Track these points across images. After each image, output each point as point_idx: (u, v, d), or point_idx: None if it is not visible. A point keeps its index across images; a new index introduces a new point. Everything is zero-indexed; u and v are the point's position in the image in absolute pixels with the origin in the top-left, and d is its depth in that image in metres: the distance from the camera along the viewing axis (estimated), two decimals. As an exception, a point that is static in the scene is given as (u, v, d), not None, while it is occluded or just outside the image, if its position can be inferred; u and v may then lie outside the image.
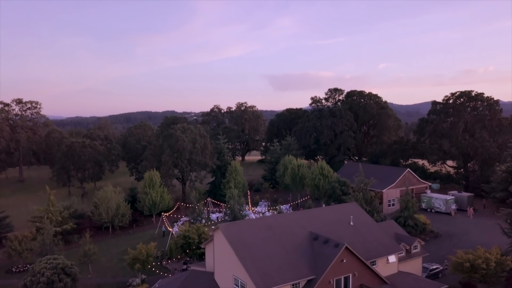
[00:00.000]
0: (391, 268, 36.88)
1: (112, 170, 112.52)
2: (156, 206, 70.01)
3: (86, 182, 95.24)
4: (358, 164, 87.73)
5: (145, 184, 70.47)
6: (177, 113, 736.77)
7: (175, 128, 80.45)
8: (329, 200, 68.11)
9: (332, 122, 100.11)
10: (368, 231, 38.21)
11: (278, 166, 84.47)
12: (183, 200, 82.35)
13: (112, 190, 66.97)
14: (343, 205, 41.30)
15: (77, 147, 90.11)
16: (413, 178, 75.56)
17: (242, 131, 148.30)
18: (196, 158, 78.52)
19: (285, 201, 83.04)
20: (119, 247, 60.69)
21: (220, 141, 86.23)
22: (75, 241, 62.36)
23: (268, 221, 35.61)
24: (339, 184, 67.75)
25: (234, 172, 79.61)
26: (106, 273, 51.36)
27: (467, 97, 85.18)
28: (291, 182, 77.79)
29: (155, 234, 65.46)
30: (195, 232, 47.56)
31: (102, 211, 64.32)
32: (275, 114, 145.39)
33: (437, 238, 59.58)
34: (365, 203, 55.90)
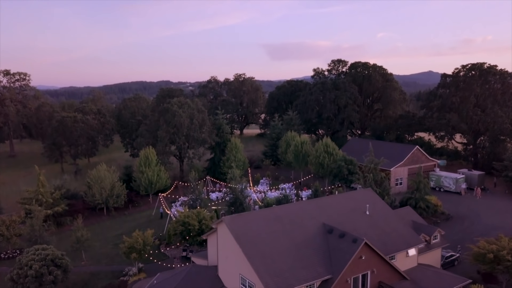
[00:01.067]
0: (411, 261, 33.85)
1: (107, 145, 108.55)
2: (153, 185, 66.56)
3: (79, 158, 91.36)
4: (363, 140, 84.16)
5: (141, 162, 66.73)
6: (173, 83, 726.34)
7: (172, 102, 76.01)
8: (334, 180, 64.83)
9: (335, 96, 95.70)
10: (385, 221, 34.93)
11: (280, 142, 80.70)
12: (181, 179, 78.94)
13: (105, 169, 63.25)
14: (357, 192, 37.87)
15: (69, 122, 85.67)
16: (422, 155, 72.19)
17: (241, 104, 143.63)
18: (194, 135, 74.54)
19: (287, 179, 79.89)
20: (115, 230, 57.61)
21: (219, 116, 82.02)
22: (68, 223, 59.16)
23: (276, 212, 32.14)
24: (345, 162, 64.29)
25: (234, 149, 75.89)
26: (100, 260, 48.37)
27: (479, 70, 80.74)
28: (294, 159, 74.29)
29: (152, 215, 62.33)
30: (195, 218, 44.26)
31: (95, 192, 60.81)
32: (272, 84, 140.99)
33: (449, 221, 56.76)
34: (375, 185, 52.59)
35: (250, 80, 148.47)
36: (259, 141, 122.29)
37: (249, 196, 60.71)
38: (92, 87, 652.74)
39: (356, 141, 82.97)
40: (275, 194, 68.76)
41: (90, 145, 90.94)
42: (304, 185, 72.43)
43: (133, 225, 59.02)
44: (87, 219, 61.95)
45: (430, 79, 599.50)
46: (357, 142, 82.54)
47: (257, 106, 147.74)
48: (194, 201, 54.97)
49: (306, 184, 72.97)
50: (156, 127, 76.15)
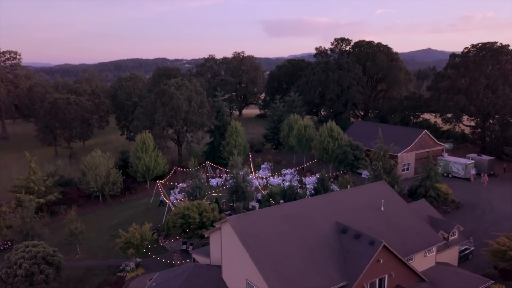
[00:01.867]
0: (429, 261, 31.52)
1: (102, 126, 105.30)
2: (150, 172, 63.80)
3: (73, 141, 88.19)
4: (368, 123, 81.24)
5: (137, 147, 63.73)
6: (169, 60, 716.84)
7: (169, 84, 72.45)
8: (339, 166, 62.22)
9: (339, 76, 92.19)
10: (401, 218, 32.42)
11: (282, 126, 77.67)
12: (179, 163, 76.16)
13: (100, 155, 60.29)
14: (370, 186, 35.22)
15: (61, 104, 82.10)
16: (430, 140, 69.49)
17: (240, 83, 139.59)
18: (192, 118, 71.33)
19: (289, 164, 77.20)
20: (111, 219, 55.13)
21: (219, 98, 78.63)
22: (62, 212, 56.62)
23: (285, 210, 29.46)
24: (351, 148, 61.56)
25: (234, 133, 72.87)
26: (96, 253, 45.99)
27: (490, 50, 77.25)
28: (297, 144, 71.45)
29: (150, 203, 59.75)
30: (195, 210, 41.66)
31: (90, 179, 58.02)
32: (269, 61, 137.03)
33: (459, 209, 54.56)
34: (384, 173, 50.02)
35: (250, 59, 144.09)
36: (259, 123, 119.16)
37: (251, 183, 58.14)
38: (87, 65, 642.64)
39: (361, 124, 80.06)
40: (278, 180, 66.27)
41: (84, 128, 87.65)
42: (307, 171, 69.90)
43: (130, 213, 56.58)
44: (82, 207, 59.50)
45: (429, 56, 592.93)
46: (362, 125, 79.61)
47: (257, 85, 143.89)
48: (194, 189, 52.32)
49: (310, 170, 70.42)
50: (153, 109, 72.81)
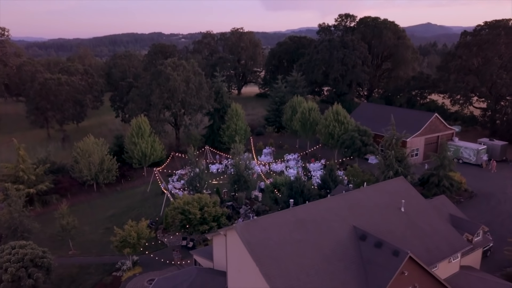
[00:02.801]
0: (453, 267, 28.84)
1: (97, 107, 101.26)
2: (147, 158, 60.56)
3: (66, 123, 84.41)
4: (375, 106, 77.81)
5: (132, 132, 60.25)
6: (165, 35, 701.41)
7: (165, 64, 68.30)
8: (346, 152, 59.12)
9: (343, 55, 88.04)
10: (423, 219, 29.50)
11: (285, 108, 74.08)
12: (177, 148, 72.88)
13: (94, 141, 56.82)
14: (389, 183, 32.16)
15: (52, 85, 77.91)
16: (440, 124, 66.28)
17: (238, 61, 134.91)
18: (190, 100, 67.59)
19: (291, 148, 74.05)
20: (106, 210, 52.20)
21: (218, 79, 74.63)
22: (54, 202, 53.58)
23: (298, 214, 26.42)
24: (359, 133, 58.33)
25: (235, 116, 69.33)
26: (90, 248, 43.18)
27: (504, 28, 73.14)
28: (300, 128, 68.10)
29: (147, 192, 56.78)
30: (196, 205, 38.66)
31: (83, 167, 54.74)
32: (267, 36, 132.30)
33: (472, 199, 51.97)
34: (395, 162, 46.97)
35: (249, 35, 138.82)
36: (259, 103, 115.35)
37: (252, 169, 54.90)
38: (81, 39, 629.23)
39: (368, 107, 76.53)
40: (281, 166, 63.33)
41: (77, 110, 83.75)
42: (312, 157, 66.86)
43: (127, 203, 53.67)
44: (75, 196, 56.52)
45: (428, 31, 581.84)
46: (368, 107, 76.10)
47: (256, 63, 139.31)
48: (193, 179, 49.24)
49: (314, 155, 67.36)
50: (148, 91, 68.93)
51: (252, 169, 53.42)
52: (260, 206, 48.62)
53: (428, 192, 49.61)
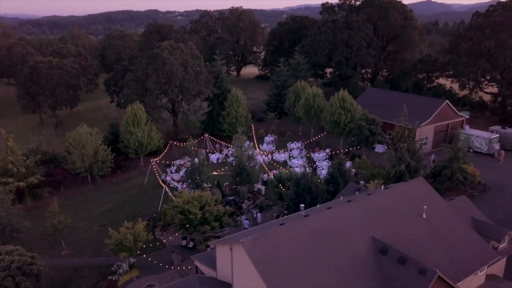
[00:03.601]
0: (478, 279, 26.46)
1: (91, 90, 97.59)
2: (143, 148, 57.66)
3: (59, 109, 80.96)
4: (381, 91, 74.57)
5: (128, 121, 57.14)
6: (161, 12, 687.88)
7: (162, 47, 64.52)
8: (353, 142, 56.29)
9: (348, 36, 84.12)
10: (447, 227, 26.94)
11: (288, 94, 70.74)
12: (175, 135, 69.87)
13: (87, 131, 53.69)
14: (407, 185, 29.42)
15: (43, 69, 74.13)
16: (450, 111, 63.29)
17: (237, 41, 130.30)
18: (188, 86, 64.19)
19: (294, 135, 71.16)
20: (101, 204, 49.60)
21: (217, 63, 71.00)
22: (46, 195, 50.91)
23: (312, 225, 23.74)
24: (366, 122, 55.35)
25: (235, 102, 66.07)
26: (84, 248, 40.71)
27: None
28: (304, 115, 65.00)
29: (144, 184, 54.10)
30: (196, 204, 35.98)
31: (76, 159, 51.81)
32: (265, 14, 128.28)
33: (486, 192, 49.55)
34: (408, 156, 44.25)
35: (248, 14, 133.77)
36: (259, 85, 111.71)
37: (255, 161, 52.10)
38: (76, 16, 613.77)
39: (374, 92, 73.27)
40: (284, 156, 60.58)
41: (70, 94, 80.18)
42: (316, 145, 64.05)
43: (123, 197, 51.04)
44: (69, 188, 53.82)
45: (429, 9, 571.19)
46: (375, 93, 72.85)
47: (256, 43, 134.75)
48: (193, 172, 46.45)
49: (318, 144, 64.53)
50: (144, 76, 65.43)
51: (254, 160, 50.66)
52: (264, 201, 46.09)
53: (440, 186, 47.13)
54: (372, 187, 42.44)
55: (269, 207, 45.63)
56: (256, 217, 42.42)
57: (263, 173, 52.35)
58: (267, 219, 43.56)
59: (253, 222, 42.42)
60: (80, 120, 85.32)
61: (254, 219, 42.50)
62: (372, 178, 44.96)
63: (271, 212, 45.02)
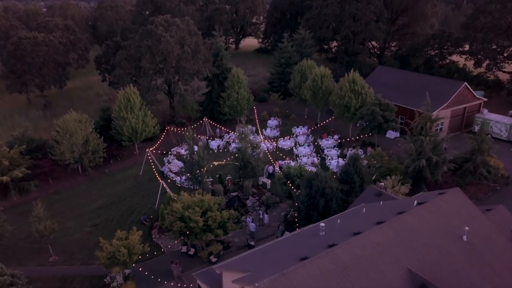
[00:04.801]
0: (526, 310, 22.93)
1: (82, 65, 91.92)
2: (138, 135, 53.27)
3: (47, 88, 75.67)
4: (393, 70, 69.71)
5: (120, 106, 52.40)
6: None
7: (156, 23, 58.86)
8: (365, 129, 52.07)
9: (356, 9, 78.27)
10: (490, 249, 23.25)
11: (293, 73, 65.74)
12: (171, 118, 65.36)
13: (76, 118, 48.99)
14: (443, 198, 25.43)
15: (28, 46, 68.36)
16: (468, 93, 58.90)
17: (236, 12, 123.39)
18: (186, 65, 59.07)
19: (299, 117, 66.77)
20: (93, 199, 45.60)
21: (217, 39, 65.49)
22: (33, 190, 46.87)
23: (339, 258, 19.89)
24: (380, 107, 50.96)
25: (236, 83, 61.17)
26: (74, 253, 36.98)
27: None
28: (311, 97, 60.41)
29: (139, 175, 50.08)
30: (198, 210, 32.04)
31: (64, 150, 47.43)
32: None
33: (509, 186, 46.05)
34: (429, 151, 40.19)
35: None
36: (259, 60, 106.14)
37: (259, 149, 47.48)
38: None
39: (385, 71, 68.36)
40: (289, 143, 56.48)
41: (59, 72, 74.73)
42: (324, 131, 59.83)
43: (117, 191, 47.06)
44: (58, 181, 49.67)
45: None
46: (385, 72, 67.97)
47: (256, 14, 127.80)
48: (192, 166, 42.37)
49: (326, 129, 60.29)
50: (138, 54, 60.14)
51: (258, 147, 45.97)
52: (270, 198, 42.33)
53: (461, 181, 43.50)
54: (389, 184, 38.75)
55: (276, 204, 41.96)
56: (262, 217, 38.77)
57: (268, 165, 48.37)
58: (275, 218, 40.02)
59: (260, 223, 38.85)
60: (70, 100, 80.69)
61: (261, 220, 38.88)
62: (388, 173, 41.04)
63: (278, 210, 41.38)
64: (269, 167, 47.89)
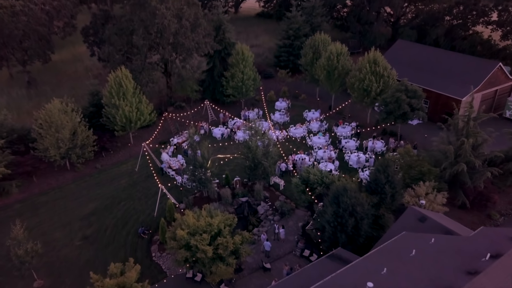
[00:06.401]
0: None
1: (69, 33, 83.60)
2: (132, 124, 47.33)
3: (30, 63, 68.28)
4: (416, 46, 62.75)
5: (112, 91, 46.01)
6: None
7: (149, -8, 51.17)
8: (388, 118, 46.18)
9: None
10: None
11: (304, 48, 58.74)
12: (169, 100, 59.08)
13: (60, 108, 42.69)
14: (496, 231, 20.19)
15: (4, 17, 60.43)
16: (502, 75, 52.71)
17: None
18: (184, 42, 52.07)
19: (310, 98, 60.58)
20: (83, 201, 40.31)
21: (218, 10, 57.92)
22: (15, 191, 41.46)
23: None
24: (406, 93, 44.89)
25: (241, 61, 54.50)
26: (62, 273, 32.16)
27: None
28: (325, 78, 54.02)
29: (135, 170, 44.61)
30: (206, 237, 26.84)
31: (48, 146, 41.58)
32: None
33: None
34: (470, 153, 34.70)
35: None
36: (262, 26, 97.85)
37: (268, 136, 41.12)
38: None
39: (404, 47, 61.47)
40: (301, 130, 50.80)
41: (42, 45, 67.14)
42: (338, 116, 53.96)
43: (110, 191, 41.72)
44: (43, 178, 44.22)
45: None
46: (406, 48, 61.08)
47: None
48: (196, 169, 36.92)
49: (341, 113, 54.35)
50: (129, 28, 52.97)
51: (267, 136, 39.76)
52: (284, 204, 37.20)
53: (501, 183, 38.47)
54: (423, 191, 33.65)
55: (291, 212, 36.92)
56: (278, 232, 33.82)
57: (280, 161, 42.85)
58: (291, 229, 35.15)
59: (275, 238, 33.97)
60: (57, 75, 73.51)
61: (276, 234, 33.95)
62: (420, 177, 35.81)
63: (294, 218, 36.41)
64: (281, 164, 42.44)
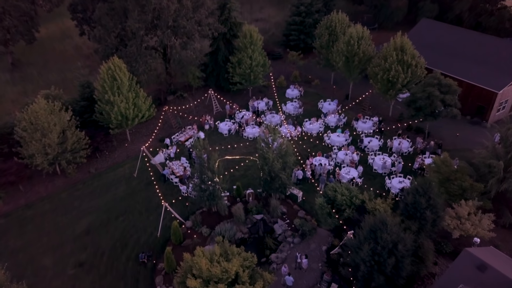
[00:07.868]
0: None
1: (57, 4, 76.08)
2: (129, 121, 42.07)
3: (14, 42, 61.64)
4: (443, 26, 56.31)
5: (104, 86, 40.34)
6: None
7: (144, -34, 44.37)
8: (417, 115, 41.04)
9: None
10: None
11: (319, 28, 52.33)
12: (168, 87, 53.40)
13: (46, 108, 37.18)
14: None
15: (-20, -8, 53.67)
16: (543, 62, 47.17)
17: None
18: (186, 26, 45.82)
19: (324, 83, 54.91)
20: (76, 215, 35.71)
21: (222, -17, 51.07)
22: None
23: None
24: (439, 88, 39.58)
25: (249, 46, 48.51)
26: (55, 314, 28.15)
27: None
28: (344, 65, 48.29)
29: (134, 176, 39.77)
30: (217, 272, 22.40)
31: (34, 152, 36.46)
32: None
33: None
34: None
35: None
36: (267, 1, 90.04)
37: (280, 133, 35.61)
38: None
39: (429, 27, 55.09)
40: (317, 125, 45.61)
41: (25, 23, 60.31)
42: (357, 109, 48.59)
43: (106, 202, 37.05)
44: (30, 186, 39.45)
45: None
46: (431, 28, 54.71)
47: None
48: (203, 183, 32.18)
49: (360, 106, 48.92)
50: (122, 8, 46.56)
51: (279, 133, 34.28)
52: (305, 223, 32.68)
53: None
54: (465, 212, 29.32)
55: (313, 232, 32.53)
56: (300, 261, 29.56)
57: (297, 168, 37.98)
58: (313, 253, 30.91)
59: (296, 267, 29.78)
60: (44, 55, 67.02)
61: (298, 263, 29.72)
62: (461, 193, 31.32)
63: (316, 240, 32.07)
64: (298, 171, 37.62)
